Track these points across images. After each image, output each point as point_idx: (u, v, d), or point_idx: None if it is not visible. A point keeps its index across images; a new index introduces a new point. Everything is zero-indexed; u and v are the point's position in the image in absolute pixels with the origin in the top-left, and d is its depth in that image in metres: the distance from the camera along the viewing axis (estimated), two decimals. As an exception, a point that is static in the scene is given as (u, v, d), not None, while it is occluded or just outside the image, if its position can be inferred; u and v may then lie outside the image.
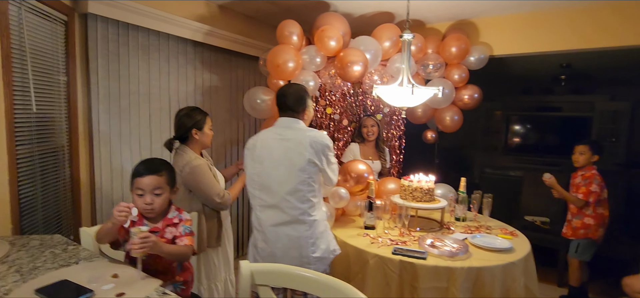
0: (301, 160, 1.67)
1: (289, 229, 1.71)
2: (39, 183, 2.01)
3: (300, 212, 1.70)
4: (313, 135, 1.73)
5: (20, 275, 1.20)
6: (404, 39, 2.21)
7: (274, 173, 1.71)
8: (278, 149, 1.72)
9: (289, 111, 1.78)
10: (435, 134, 3.58)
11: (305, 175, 1.68)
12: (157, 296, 1.09)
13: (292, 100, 1.78)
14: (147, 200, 1.43)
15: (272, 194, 1.72)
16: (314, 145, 1.70)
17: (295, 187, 1.69)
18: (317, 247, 1.73)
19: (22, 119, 1.84)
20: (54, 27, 2.11)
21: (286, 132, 1.75)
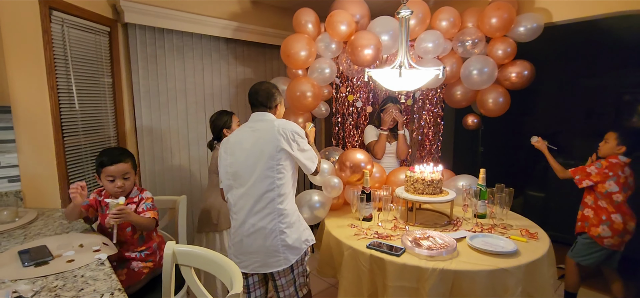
0: (270, 148, 1.71)
1: (256, 218, 1.72)
2: (89, 168, 2.48)
3: (269, 200, 1.71)
4: (281, 123, 1.76)
5: (25, 237, 1.54)
6: (401, 16, 2.02)
7: (244, 162, 1.75)
8: (249, 139, 1.77)
9: (260, 106, 1.84)
10: (478, 119, 3.17)
11: (273, 162, 1.70)
12: (95, 261, 1.29)
13: (262, 97, 1.84)
14: (118, 185, 1.69)
15: (243, 181, 1.76)
16: (282, 132, 1.72)
17: (264, 174, 1.71)
18: (287, 236, 1.73)
19: (68, 116, 2.28)
20: (98, 39, 2.54)
21: (256, 124, 1.81)
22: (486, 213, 2.17)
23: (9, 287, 1.11)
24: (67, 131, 2.27)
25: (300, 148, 1.77)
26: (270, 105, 1.84)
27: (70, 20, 2.28)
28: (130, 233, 1.70)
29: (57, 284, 1.13)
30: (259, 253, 1.73)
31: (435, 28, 2.83)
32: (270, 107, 1.84)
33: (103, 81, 2.61)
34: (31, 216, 1.77)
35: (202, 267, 1.29)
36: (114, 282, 1.16)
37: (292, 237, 1.75)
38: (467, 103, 3.11)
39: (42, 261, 1.27)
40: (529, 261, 1.64)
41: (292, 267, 1.76)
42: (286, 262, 1.73)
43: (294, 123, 1.80)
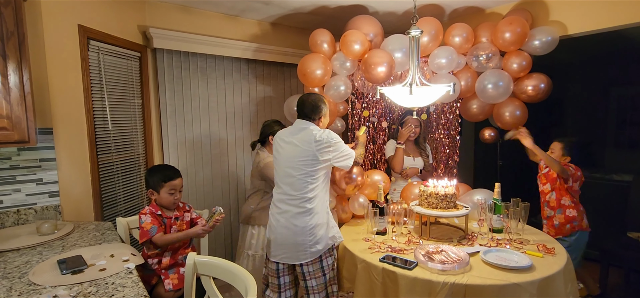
0: (306, 155, 1.91)
1: (289, 215, 1.94)
2: (120, 183, 2.66)
3: (302, 200, 1.91)
4: (318, 133, 1.95)
5: (62, 247, 1.69)
6: (411, 35, 2.09)
7: (283, 165, 1.99)
8: (286, 148, 2.00)
9: (304, 117, 2.05)
10: (495, 132, 3.15)
11: (308, 168, 1.91)
12: (124, 270, 1.41)
13: (308, 108, 2.04)
14: (177, 197, 1.96)
15: (281, 181, 2.00)
16: (318, 143, 1.92)
17: (299, 177, 1.92)
18: (315, 234, 1.91)
19: (102, 135, 2.47)
20: (130, 63, 2.75)
21: (298, 134, 1.99)
22: (502, 228, 2.16)
23: (49, 292, 1.23)
24: (100, 149, 2.46)
25: (334, 152, 1.96)
26: (314, 117, 2.04)
27: (106, 48, 2.49)
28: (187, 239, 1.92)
29: (91, 290, 1.25)
30: (288, 245, 1.95)
31: (449, 44, 2.87)
32: (313, 119, 2.04)
33: (133, 102, 2.80)
34: (68, 228, 1.92)
35: (219, 276, 1.37)
36: (141, 289, 1.26)
37: (319, 234, 1.93)
38: (484, 117, 3.10)
39: (78, 269, 1.40)
40: (544, 277, 1.63)
41: (321, 257, 1.94)
42: (312, 255, 1.93)
43: (330, 131, 2.00)
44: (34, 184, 2.05)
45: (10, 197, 1.99)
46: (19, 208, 2.01)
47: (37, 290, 1.25)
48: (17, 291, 1.25)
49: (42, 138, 2.04)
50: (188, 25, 3.04)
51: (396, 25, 3.45)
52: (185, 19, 3.02)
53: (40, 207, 2.06)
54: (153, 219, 1.86)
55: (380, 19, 3.10)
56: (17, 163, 1.99)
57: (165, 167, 2.01)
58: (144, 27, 2.82)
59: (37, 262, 1.52)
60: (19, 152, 1.99)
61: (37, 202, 2.06)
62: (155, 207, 1.93)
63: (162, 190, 1.91)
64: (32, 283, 1.31)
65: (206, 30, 3.13)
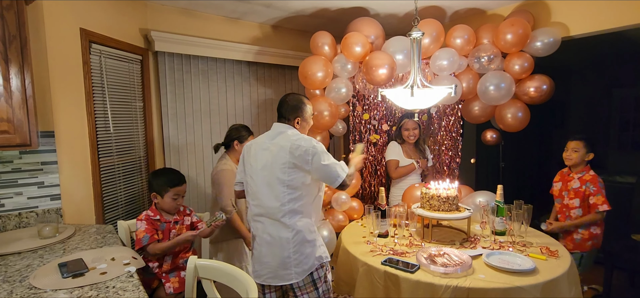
0: (281, 164, 1.70)
1: (270, 230, 1.74)
2: (122, 186, 2.66)
3: (281, 214, 1.70)
4: (296, 141, 1.71)
5: (63, 251, 1.69)
6: (412, 37, 2.08)
7: (258, 175, 1.77)
8: (263, 155, 1.78)
9: (281, 118, 1.85)
10: (497, 134, 3.14)
11: (285, 177, 1.69)
12: (125, 274, 1.40)
13: (286, 109, 1.83)
14: (180, 202, 1.96)
15: (256, 194, 1.78)
16: (295, 151, 1.69)
17: (275, 189, 1.71)
18: (301, 253, 1.72)
19: (103, 138, 2.48)
20: (131, 66, 2.76)
21: (274, 139, 1.78)
22: (505, 231, 2.15)
23: (50, 296, 1.23)
24: (102, 152, 2.46)
25: (319, 165, 1.69)
26: (291, 119, 1.83)
27: (107, 51, 2.49)
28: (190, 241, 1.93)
29: (92, 294, 1.24)
30: (271, 265, 1.74)
31: (450, 45, 2.87)
32: (289, 120, 1.83)
33: (135, 105, 2.81)
34: (70, 231, 1.92)
35: (220, 279, 1.37)
36: (142, 293, 1.26)
37: (305, 252, 1.73)
38: (486, 118, 3.09)
39: (79, 273, 1.40)
40: (547, 280, 1.61)
41: (316, 283, 1.75)
42: (296, 276, 1.72)
43: (311, 138, 1.75)
44: (36, 187, 2.05)
45: (12, 200, 1.99)
46: (20, 211, 2.01)
47: (38, 294, 1.25)
48: (18, 295, 1.25)
49: (44, 141, 2.04)
50: (189, 28, 3.05)
51: (397, 27, 3.45)
52: (186, 22, 3.03)
53: (41, 210, 2.06)
54: (148, 226, 1.86)
55: (382, 21, 3.10)
56: (19, 167, 2.00)
57: (171, 172, 2.01)
58: (146, 30, 2.83)
59: (38, 265, 1.52)
60: (21, 155, 1.99)
61: (38, 205, 2.06)
62: (154, 211, 1.93)
63: (167, 195, 1.92)
64: (33, 286, 1.31)
65: (207, 33, 3.14)
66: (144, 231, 1.82)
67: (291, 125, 1.83)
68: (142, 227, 1.83)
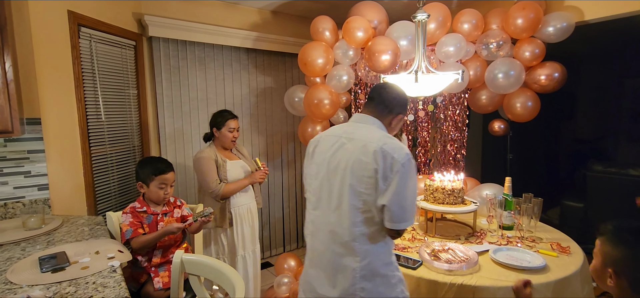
0: (360, 174, 1.23)
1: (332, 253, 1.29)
2: (115, 176, 2.57)
3: (351, 237, 1.25)
4: (386, 143, 1.22)
5: (47, 243, 1.61)
6: (417, 20, 1.96)
7: (325, 184, 1.32)
8: (337, 153, 1.31)
9: (377, 106, 1.37)
10: (505, 124, 3.01)
11: (362, 188, 1.23)
12: (108, 269, 1.32)
13: (388, 96, 1.38)
14: (168, 191, 1.85)
15: (319, 208, 1.35)
16: (382, 158, 1.20)
17: (349, 199, 1.25)
18: (370, 291, 1.26)
19: (95, 126, 2.39)
20: (124, 52, 2.66)
21: (355, 131, 1.32)
22: (513, 225, 2.04)
23: (25, 291, 1.15)
24: (93, 141, 2.37)
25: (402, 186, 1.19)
26: (392, 111, 1.37)
27: (98, 35, 2.39)
28: (180, 235, 1.85)
29: (69, 291, 1.16)
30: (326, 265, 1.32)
31: (457, 31, 2.73)
32: (389, 110, 1.36)
33: (128, 92, 2.71)
34: (56, 223, 1.84)
35: (206, 275, 1.28)
36: (123, 289, 1.17)
37: (376, 291, 1.27)
38: (494, 108, 2.96)
39: (59, 267, 1.31)
40: (559, 278, 1.51)
41: None
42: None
43: (405, 149, 1.24)
44: (22, 177, 1.97)
45: (-3, 190, 1.91)
46: (6, 201, 1.94)
47: (12, 290, 1.17)
48: (-10, 290, 1.17)
49: (30, 129, 1.95)
50: (185, 13, 2.94)
51: (401, 12, 3.31)
52: (182, 6, 2.92)
53: (28, 201, 1.98)
54: (133, 219, 1.77)
55: (385, 5, 2.96)
56: (4, 155, 1.91)
57: (157, 160, 1.92)
58: (139, 14, 2.72)
59: (19, 258, 1.44)
60: (6, 143, 1.91)
61: (25, 195, 1.98)
62: (141, 202, 1.83)
63: (152, 183, 1.82)
64: (8, 281, 1.23)
65: (204, 18, 3.03)
66: (127, 224, 1.73)
67: (383, 122, 1.36)
68: (126, 220, 1.75)
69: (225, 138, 2.35)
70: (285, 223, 3.81)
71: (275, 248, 3.77)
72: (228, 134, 2.35)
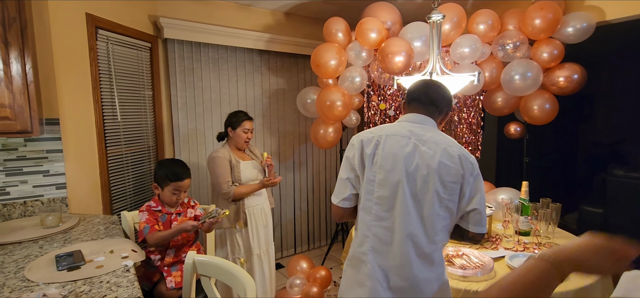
0: (446, 178, 1.15)
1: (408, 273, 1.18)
2: (130, 176, 2.61)
3: (432, 247, 1.18)
4: (461, 148, 1.20)
5: (64, 241, 1.64)
6: (432, 20, 1.93)
7: (399, 187, 1.17)
8: (414, 154, 1.18)
9: (430, 106, 1.26)
10: (521, 127, 2.94)
11: (447, 197, 1.16)
12: (122, 268, 1.33)
13: (439, 95, 1.27)
14: (181, 197, 1.87)
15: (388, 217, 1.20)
16: (465, 162, 1.16)
17: (429, 213, 1.16)
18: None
19: (111, 127, 2.43)
20: (140, 54, 2.70)
21: (423, 132, 1.21)
22: (529, 231, 1.99)
23: (41, 289, 1.17)
24: (109, 141, 2.41)
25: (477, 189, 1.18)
26: (443, 111, 1.29)
27: (115, 37, 2.44)
28: (193, 235, 1.87)
29: (84, 289, 1.18)
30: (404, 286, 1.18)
31: (472, 32, 2.69)
32: (440, 111, 1.28)
33: (144, 94, 2.75)
34: (73, 221, 1.88)
35: (218, 277, 1.28)
36: (136, 289, 1.18)
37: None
38: (510, 110, 2.90)
39: (75, 266, 1.33)
40: (579, 287, 1.46)
41: None
42: None
43: None
44: (41, 176, 2.02)
45: (17, 189, 1.96)
46: (25, 200, 1.98)
47: (29, 287, 1.19)
48: (9, 287, 1.19)
49: (49, 129, 2.00)
50: (199, 15, 2.97)
51: (415, 13, 3.28)
52: (196, 8, 2.95)
53: (47, 199, 2.03)
54: (149, 216, 1.80)
55: (398, 6, 2.94)
56: (24, 154, 1.96)
57: (175, 163, 1.93)
58: (155, 16, 2.76)
59: (36, 256, 1.47)
60: (26, 143, 1.96)
61: (44, 194, 2.03)
62: (156, 202, 1.87)
63: (167, 188, 1.85)
64: (26, 279, 1.25)
65: (218, 20, 3.05)
66: (144, 222, 1.76)
67: (436, 122, 1.28)
68: (143, 218, 1.79)
69: (239, 138, 2.37)
70: (296, 224, 3.81)
71: (287, 249, 3.77)
72: (242, 134, 2.37)
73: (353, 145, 1.28)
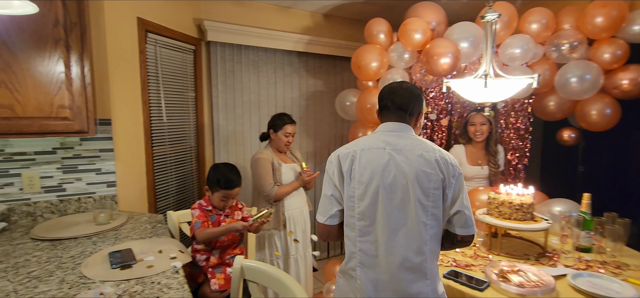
0: (427, 185, 1.14)
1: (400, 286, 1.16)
2: (173, 176, 2.68)
3: (421, 258, 1.16)
4: (439, 150, 1.19)
5: (115, 239, 1.69)
6: (486, 20, 1.83)
7: (381, 203, 1.16)
8: (392, 165, 1.17)
9: (398, 112, 1.24)
10: (576, 133, 2.73)
11: (430, 204, 1.15)
12: (171, 269, 1.35)
13: (408, 99, 1.24)
14: (229, 204, 1.90)
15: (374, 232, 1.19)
16: (444, 166, 1.15)
17: (415, 224, 1.15)
18: None
19: (157, 128, 2.50)
20: (185, 56, 2.77)
21: (397, 140, 1.20)
22: (591, 247, 1.83)
23: (98, 287, 1.20)
24: (155, 141, 2.49)
25: (459, 191, 1.18)
26: (414, 114, 1.26)
27: (162, 40, 2.51)
28: (237, 237, 1.88)
29: (137, 289, 1.20)
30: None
31: (524, 31, 2.53)
32: (412, 114, 1.25)
33: (187, 95, 2.82)
34: (122, 219, 1.94)
35: (267, 284, 1.27)
36: (186, 292, 1.19)
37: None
38: (563, 115, 2.71)
39: (127, 264, 1.37)
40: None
41: None
42: None
43: None
44: (94, 174, 2.11)
45: (72, 186, 2.06)
46: (80, 196, 2.08)
47: (86, 284, 1.23)
48: (68, 283, 1.24)
49: (102, 129, 2.08)
50: (241, 17, 3.01)
51: (459, 13, 3.14)
52: (238, 11, 2.99)
53: (98, 196, 2.12)
54: (201, 213, 1.84)
55: (443, 6, 2.82)
56: (79, 153, 2.06)
57: (229, 170, 1.94)
58: (199, 20, 2.83)
59: (91, 252, 1.53)
60: (81, 142, 2.05)
61: (96, 191, 2.12)
62: (206, 201, 1.91)
63: (217, 194, 1.89)
64: (83, 275, 1.29)
65: (259, 22, 3.08)
66: (196, 217, 1.83)
67: (411, 125, 1.27)
68: (195, 214, 1.86)
69: (280, 141, 2.38)
70: (331, 228, 3.76)
71: (321, 252, 3.74)
72: (283, 137, 2.37)
73: (331, 161, 1.28)
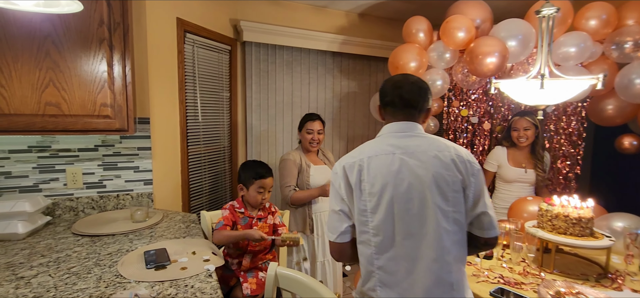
0: (445, 189, 1.04)
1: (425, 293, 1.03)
2: (207, 175, 2.70)
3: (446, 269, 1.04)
4: (454, 147, 1.11)
5: (151, 237, 1.70)
6: (542, 15, 1.67)
7: (397, 212, 1.05)
8: (402, 171, 1.05)
9: (406, 109, 1.13)
10: (638, 140, 2.47)
11: (450, 209, 1.05)
12: (204, 272, 1.32)
13: (417, 94, 1.14)
14: (266, 197, 1.88)
15: (391, 246, 1.05)
16: (462, 165, 1.07)
17: (437, 231, 1.03)
18: None
19: (192, 127, 2.53)
20: (221, 56, 2.78)
21: (408, 143, 1.10)
22: (661, 269, 1.63)
23: (133, 287, 1.19)
24: (190, 140, 2.51)
25: (480, 188, 1.09)
26: (423, 110, 1.16)
27: (200, 40, 2.53)
28: (269, 243, 1.85)
29: (170, 292, 1.17)
30: None
31: (580, 28, 2.32)
32: (421, 111, 1.16)
33: (222, 95, 2.83)
34: (158, 217, 1.96)
35: (301, 293, 1.21)
36: (219, 296, 1.15)
37: None
38: (623, 120, 2.46)
39: (161, 265, 1.35)
40: None
41: None
42: None
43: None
44: (132, 171, 2.14)
45: (112, 182, 2.11)
46: (118, 193, 2.12)
47: (122, 284, 1.22)
48: (105, 282, 1.24)
49: (140, 128, 2.12)
50: (276, 17, 2.99)
51: (505, 10, 2.95)
52: (273, 11, 2.97)
53: (136, 194, 2.15)
54: (229, 215, 1.83)
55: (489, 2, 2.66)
56: (119, 151, 2.10)
57: (258, 164, 1.95)
58: (235, 20, 2.83)
59: (128, 250, 1.53)
60: (121, 140, 2.09)
61: (133, 188, 2.15)
62: (240, 203, 1.88)
63: (252, 187, 1.86)
64: (119, 274, 1.29)
65: (293, 22, 3.05)
66: (222, 217, 1.81)
67: (420, 123, 1.17)
68: (224, 214, 1.83)
69: (304, 139, 2.35)
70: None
71: (352, 257, 3.65)
72: (306, 135, 2.32)
73: (336, 173, 1.15)
